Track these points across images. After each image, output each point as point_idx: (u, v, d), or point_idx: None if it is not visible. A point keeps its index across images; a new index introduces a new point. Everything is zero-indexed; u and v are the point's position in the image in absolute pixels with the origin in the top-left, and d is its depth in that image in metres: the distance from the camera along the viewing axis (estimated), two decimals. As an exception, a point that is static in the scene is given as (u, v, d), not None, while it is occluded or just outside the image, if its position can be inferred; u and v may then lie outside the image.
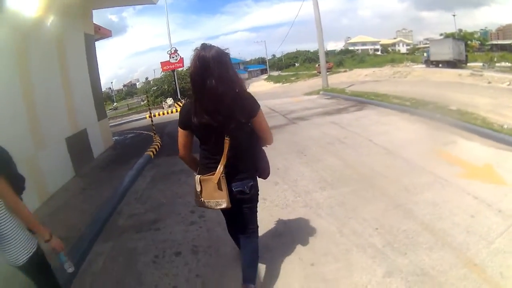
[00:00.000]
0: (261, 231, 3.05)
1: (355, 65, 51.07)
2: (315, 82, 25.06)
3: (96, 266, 3.54)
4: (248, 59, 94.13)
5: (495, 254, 2.82)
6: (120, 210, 4.93)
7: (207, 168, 2.31)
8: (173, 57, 20.35)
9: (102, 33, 12.13)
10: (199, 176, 2.33)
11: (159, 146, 8.85)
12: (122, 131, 13.57)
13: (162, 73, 26.14)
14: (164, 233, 4.01)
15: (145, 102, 20.83)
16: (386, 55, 64.62)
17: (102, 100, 10.59)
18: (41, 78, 6.39)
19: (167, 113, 19.31)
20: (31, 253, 2.00)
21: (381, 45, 79.44)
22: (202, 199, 2.33)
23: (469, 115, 7.48)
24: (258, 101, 2.27)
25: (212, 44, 2.15)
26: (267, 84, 46.80)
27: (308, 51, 79.30)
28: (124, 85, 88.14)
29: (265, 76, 70.72)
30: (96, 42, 10.84)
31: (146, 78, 73.37)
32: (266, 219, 3.80)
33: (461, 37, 50.67)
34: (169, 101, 23.10)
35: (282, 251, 3.25)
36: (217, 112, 2.10)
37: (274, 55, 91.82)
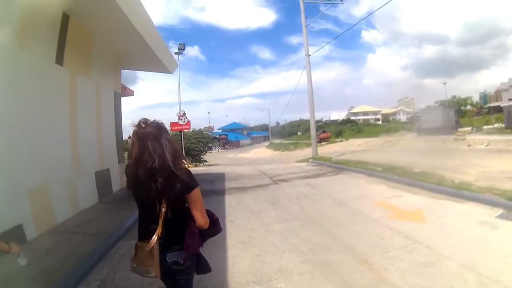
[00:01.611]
0: (233, 238, 4.99)
1: (353, 135, 52.15)
2: (311, 152, 27.29)
3: (122, 251, 5.38)
4: (252, 125, 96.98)
5: (386, 258, 4.40)
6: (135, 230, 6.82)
7: (144, 235, 2.37)
8: (181, 119, 22.98)
9: (126, 92, 14.79)
10: (136, 241, 2.43)
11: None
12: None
13: (171, 132, 28.90)
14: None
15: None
16: (385, 125, 66.47)
17: (122, 147, 12.72)
18: (83, 123, 8.61)
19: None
20: None
21: (382, 114, 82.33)
22: (134, 264, 2.38)
23: (429, 175, 9.13)
24: (195, 180, 2.37)
25: (152, 120, 2.31)
26: (267, 152, 49.15)
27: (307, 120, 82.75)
28: (129, 137, 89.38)
29: (267, 143, 73.04)
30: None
31: None
32: (236, 234, 5.74)
33: (455, 103, 52.34)
34: (178, 158, 25.31)
35: (243, 250, 5.13)
36: (151, 185, 2.21)
37: (278, 123, 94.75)
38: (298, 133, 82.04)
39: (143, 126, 2.25)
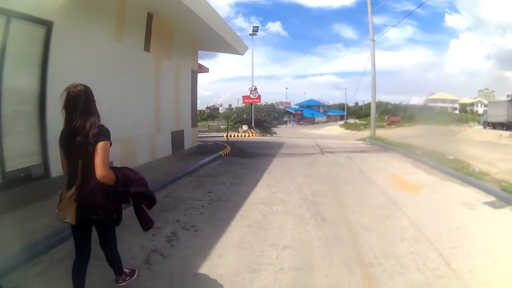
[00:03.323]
0: (263, 182, 6.82)
1: (424, 121, 50.07)
2: (378, 133, 27.43)
3: (183, 183, 7.54)
4: (331, 103, 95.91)
5: (359, 207, 5.56)
6: (200, 170, 9.07)
7: (68, 185, 2.52)
8: (253, 94, 25.21)
9: (202, 69, 17.21)
10: (61, 190, 2.54)
11: (229, 152, 12.91)
12: (205, 140, 18.09)
13: (243, 104, 31.49)
14: (219, 179, 7.90)
15: (225, 126, 26.01)
16: (457, 115, 62.27)
17: (196, 114, 15.20)
18: (164, 95, 11.09)
19: (241, 136, 24.13)
20: None
21: (460, 104, 76.85)
22: (57, 210, 2.50)
23: (458, 162, 9.34)
24: (109, 136, 2.51)
25: (79, 84, 2.53)
26: (338, 130, 49.52)
27: (388, 103, 79.60)
28: (207, 108, 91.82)
29: (342, 122, 72.73)
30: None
31: (230, 105, 78.37)
32: (267, 180, 7.59)
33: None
34: (244, 127, 28.00)
35: (266, 189, 6.91)
36: (71, 141, 2.46)
37: (356, 103, 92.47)
38: (376, 115, 78.58)
39: (72, 88, 2.49)
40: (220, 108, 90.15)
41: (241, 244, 4.07)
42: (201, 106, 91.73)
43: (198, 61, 15.30)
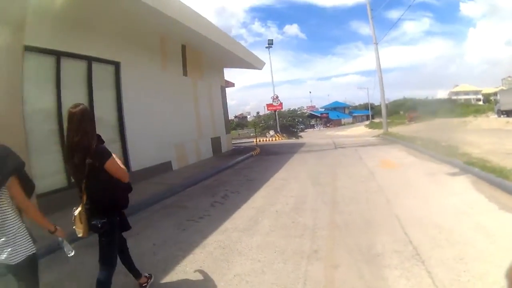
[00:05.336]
0: (284, 169, 9.65)
1: (444, 115, 49.63)
2: (396, 129, 28.66)
3: (226, 172, 10.39)
4: (356, 103, 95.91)
5: (345, 177, 8.19)
6: (237, 165, 11.97)
7: (80, 202, 2.72)
8: (275, 101, 28.10)
9: (229, 84, 20.37)
10: (75, 208, 2.75)
11: (258, 152, 15.74)
12: (238, 145, 21.15)
13: (268, 111, 34.54)
14: (251, 169, 10.75)
15: (253, 133, 29.01)
16: (475, 105, 60.78)
17: (229, 123, 18.33)
18: (202, 108, 14.21)
19: (268, 140, 27.10)
20: (30, 254, 2.09)
21: (483, 94, 75.14)
22: (74, 226, 2.72)
23: (448, 148, 10.50)
24: (107, 151, 2.65)
25: (80, 103, 2.66)
26: (362, 129, 50.42)
27: (412, 99, 78.52)
28: (236, 116, 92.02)
29: (367, 122, 72.89)
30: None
31: (257, 112, 79.81)
32: (287, 167, 10.34)
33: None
34: (271, 132, 30.88)
35: (284, 172, 9.63)
36: (72, 160, 2.60)
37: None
38: (401, 112, 78.46)
39: (72, 108, 2.61)
40: (248, 116, 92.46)
41: (266, 196, 6.87)
42: (229, 115, 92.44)
43: (226, 74, 18.67)
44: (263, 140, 26.78)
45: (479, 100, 74.25)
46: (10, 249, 1.99)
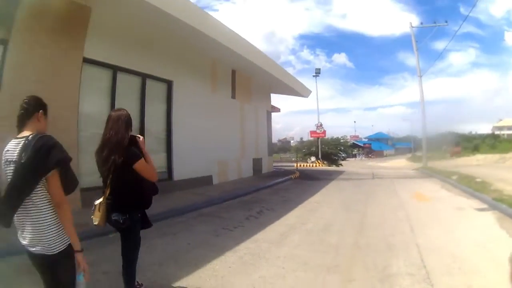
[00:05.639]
0: (320, 193, 10.01)
1: (487, 151, 47.18)
2: (438, 164, 27.86)
3: (264, 192, 10.89)
4: (400, 135, 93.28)
5: (382, 207, 8.39)
6: (275, 186, 12.46)
7: (102, 194, 2.89)
8: (319, 129, 28.50)
9: (275, 110, 21.07)
10: (97, 199, 2.93)
11: (297, 176, 16.12)
12: (278, 167, 21.58)
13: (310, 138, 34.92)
14: (289, 191, 11.17)
15: (295, 158, 29.45)
16: None
17: (272, 146, 18.98)
18: (247, 130, 14.97)
19: (309, 165, 27.40)
20: (66, 246, 2.03)
21: None
22: (92, 216, 2.89)
23: (482, 184, 10.34)
24: (137, 153, 2.85)
25: (122, 108, 2.97)
26: (403, 162, 48.94)
27: (456, 133, 74.99)
28: (279, 140, 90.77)
29: (410, 155, 71.04)
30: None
31: (301, 138, 79.33)
32: (323, 192, 10.66)
33: None
34: (313, 158, 31.10)
35: (321, 196, 9.94)
36: (101, 154, 2.82)
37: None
38: (443, 147, 75.24)
39: (113, 111, 2.97)
40: (291, 141, 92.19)
41: (299, 215, 7.25)
42: (273, 138, 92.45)
43: (273, 98, 19.51)
44: (303, 165, 27.10)
45: (526, 135, 69.03)
46: (48, 239, 1.96)
